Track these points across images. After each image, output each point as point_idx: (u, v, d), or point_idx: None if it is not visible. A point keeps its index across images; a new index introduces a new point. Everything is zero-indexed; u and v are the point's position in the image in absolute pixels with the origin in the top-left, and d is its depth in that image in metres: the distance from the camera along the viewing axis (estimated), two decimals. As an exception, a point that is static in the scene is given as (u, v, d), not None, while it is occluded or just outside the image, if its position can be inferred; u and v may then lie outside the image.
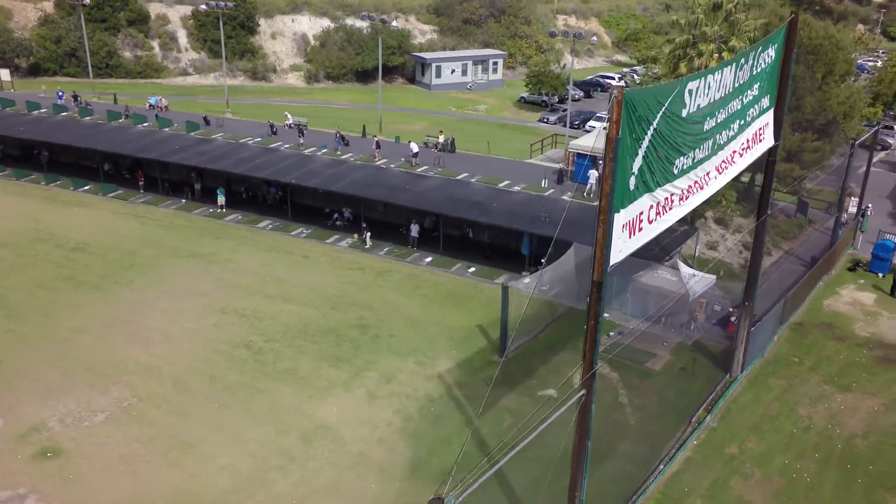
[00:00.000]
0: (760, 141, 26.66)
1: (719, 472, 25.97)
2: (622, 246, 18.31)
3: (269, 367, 31.57)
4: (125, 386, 30.17)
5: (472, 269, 40.26)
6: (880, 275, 41.13)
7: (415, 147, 47.75)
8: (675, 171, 20.23)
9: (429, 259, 41.34)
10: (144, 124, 54.71)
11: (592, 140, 46.33)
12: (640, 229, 19.15)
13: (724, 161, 23.76)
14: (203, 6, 76.32)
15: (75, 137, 51.66)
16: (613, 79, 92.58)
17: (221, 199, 47.29)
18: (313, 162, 46.85)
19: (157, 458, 26.33)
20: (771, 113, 27.09)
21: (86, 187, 51.12)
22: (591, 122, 69.18)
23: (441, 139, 50.43)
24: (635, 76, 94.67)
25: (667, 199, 20.05)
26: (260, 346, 33.09)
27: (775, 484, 25.45)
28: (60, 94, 59.82)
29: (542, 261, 38.42)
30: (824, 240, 44.52)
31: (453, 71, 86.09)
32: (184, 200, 48.99)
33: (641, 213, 18.96)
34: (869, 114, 56.75)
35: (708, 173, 22.54)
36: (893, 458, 26.86)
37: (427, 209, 41.43)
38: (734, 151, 24.50)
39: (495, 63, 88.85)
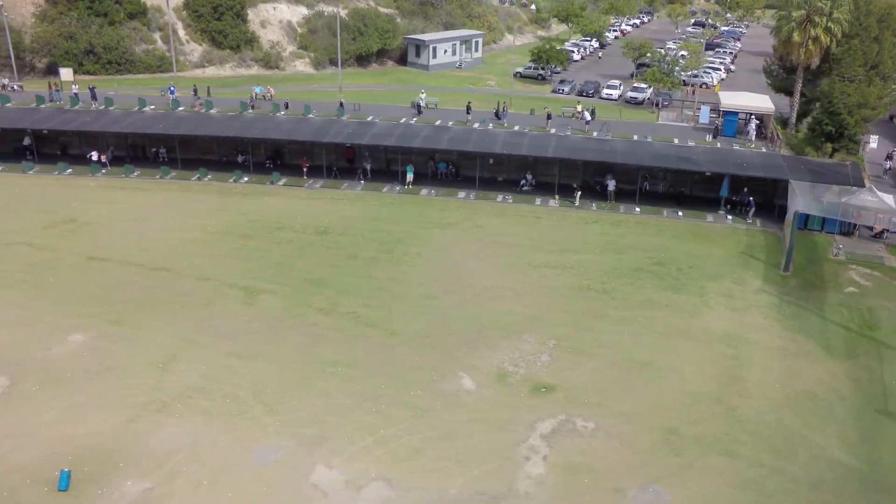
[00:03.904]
0: None
1: None
2: None
3: (628, 302, 37.00)
4: (531, 332, 34.17)
5: (681, 213, 47.49)
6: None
7: (587, 115, 53.80)
8: None
9: (637, 209, 47.96)
10: (281, 113, 55.67)
11: (741, 100, 55.28)
12: None
13: None
14: None
15: (239, 130, 51.85)
16: (573, 52, 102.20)
17: (410, 177, 50.44)
18: (498, 135, 51.34)
19: (632, 376, 31.23)
20: None
21: (244, 179, 51.69)
22: (607, 90, 78.22)
23: (579, 108, 56.64)
24: (584, 48, 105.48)
25: None
26: (599, 287, 38.33)
27: None
28: (172, 89, 58.21)
29: (751, 198, 46.78)
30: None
31: (446, 51, 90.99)
32: (362, 182, 51.41)
33: None
34: None
35: None
36: None
37: (651, 165, 47.96)
38: None
39: (477, 42, 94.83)
